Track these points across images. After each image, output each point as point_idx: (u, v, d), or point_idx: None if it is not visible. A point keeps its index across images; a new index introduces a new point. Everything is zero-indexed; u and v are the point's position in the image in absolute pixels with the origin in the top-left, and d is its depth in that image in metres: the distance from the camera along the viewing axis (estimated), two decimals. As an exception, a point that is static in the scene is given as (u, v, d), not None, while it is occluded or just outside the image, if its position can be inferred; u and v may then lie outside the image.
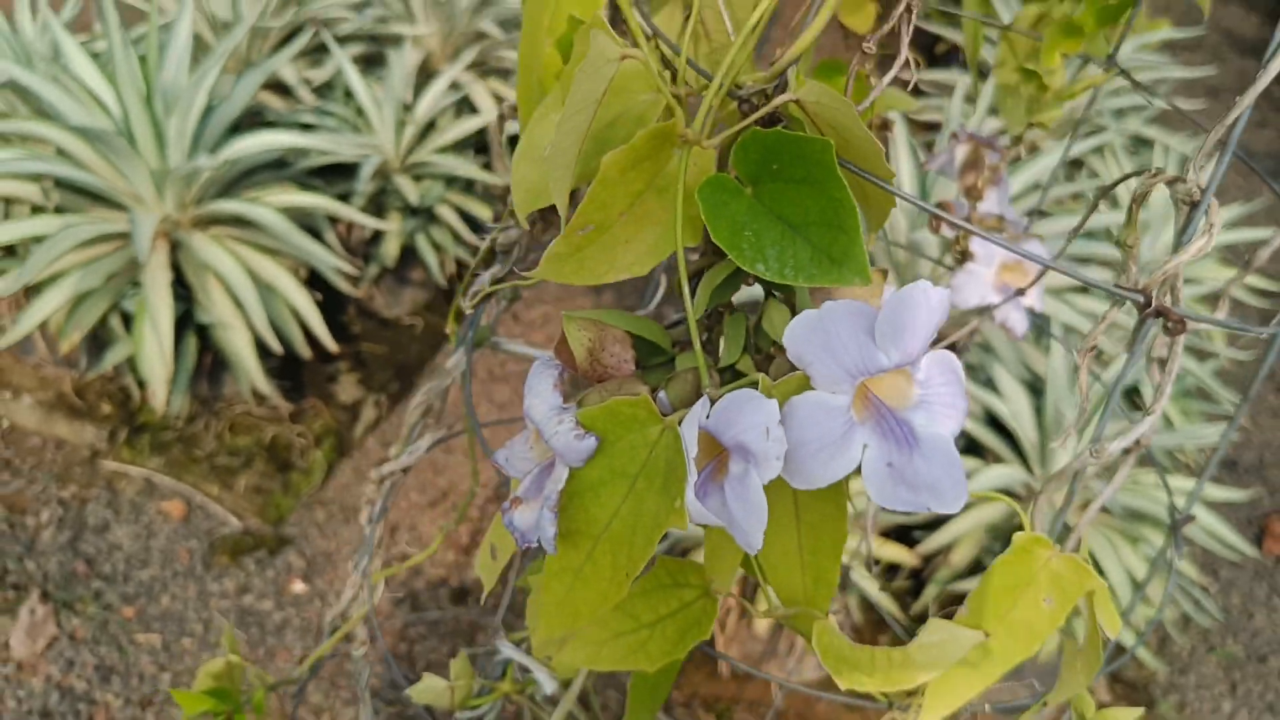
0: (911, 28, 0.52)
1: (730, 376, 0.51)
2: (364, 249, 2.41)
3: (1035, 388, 1.70)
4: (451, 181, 2.44)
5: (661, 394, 0.46)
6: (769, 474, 0.40)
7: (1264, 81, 0.46)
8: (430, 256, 2.43)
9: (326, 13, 2.44)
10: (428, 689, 0.62)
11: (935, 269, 1.10)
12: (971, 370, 1.79)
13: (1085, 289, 1.92)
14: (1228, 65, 4.68)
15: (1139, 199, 0.48)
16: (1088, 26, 0.75)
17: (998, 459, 1.68)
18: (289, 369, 2.27)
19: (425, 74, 2.54)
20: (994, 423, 1.71)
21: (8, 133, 1.97)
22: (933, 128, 2.77)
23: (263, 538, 2.06)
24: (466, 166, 2.39)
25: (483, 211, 2.45)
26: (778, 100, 0.46)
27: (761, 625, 1.66)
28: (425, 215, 2.43)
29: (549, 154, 0.44)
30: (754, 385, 0.44)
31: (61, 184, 1.95)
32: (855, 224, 0.44)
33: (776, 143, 0.45)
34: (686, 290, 0.46)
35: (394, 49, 2.44)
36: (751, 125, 0.47)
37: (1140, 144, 2.37)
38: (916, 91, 2.81)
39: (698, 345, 0.46)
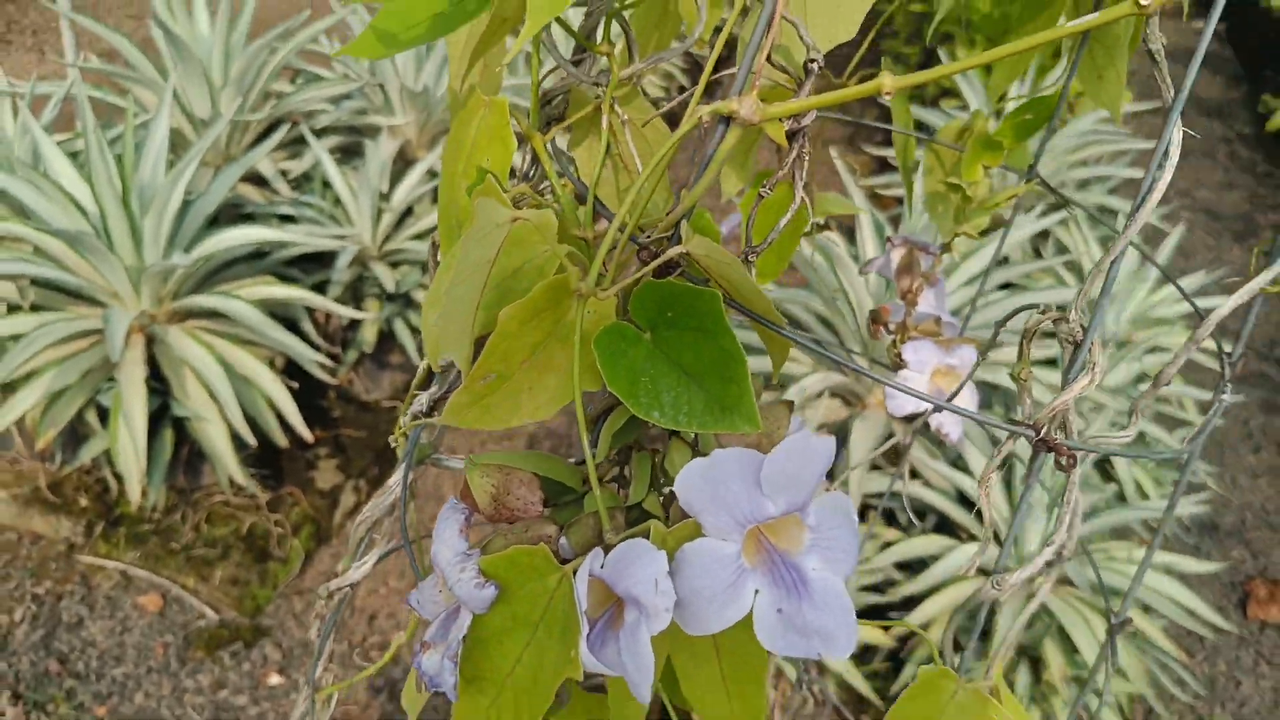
0: (805, 170, 0.54)
1: (638, 514, 0.52)
2: (342, 334, 2.43)
3: (1004, 463, 1.71)
4: (428, 267, 2.46)
5: (563, 540, 0.47)
6: (658, 626, 0.41)
7: (1121, 245, 0.48)
8: (408, 340, 2.45)
9: (305, 106, 2.49)
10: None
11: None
12: (941, 448, 1.80)
13: (1052, 363, 1.94)
14: (1194, 127, 4.76)
15: (1029, 336, 0.50)
16: (1007, 141, 0.78)
17: (971, 536, 1.68)
18: (267, 457, 2.27)
19: (403, 162, 2.58)
20: (964, 500, 1.72)
21: (-14, 232, 2.00)
22: (901, 201, 2.81)
23: (239, 629, 2.05)
24: (443, 252, 2.41)
25: (460, 295, 2.47)
26: (669, 253, 0.47)
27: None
28: (402, 300, 2.46)
29: (443, 314, 0.45)
30: (648, 533, 0.45)
31: (38, 283, 1.97)
32: (744, 374, 0.45)
33: (670, 293, 0.47)
34: (585, 439, 0.47)
35: (371, 140, 2.48)
36: (648, 274, 0.49)
37: (1105, 212, 2.41)
38: (884, 166, 2.85)
39: (597, 491, 0.47)
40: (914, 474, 1.75)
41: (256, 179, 2.44)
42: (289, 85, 2.68)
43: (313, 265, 2.35)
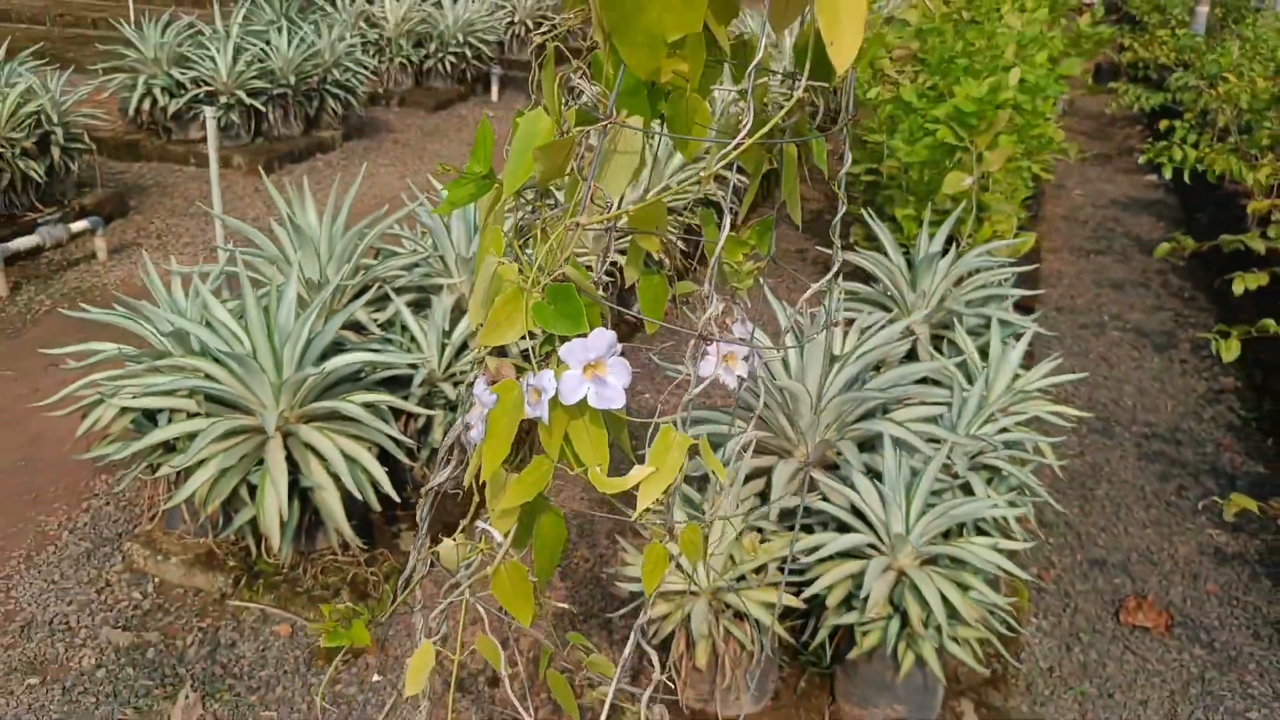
0: (612, 249, 1.34)
1: (554, 380, 1.29)
2: (417, 436, 3.24)
3: (879, 477, 2.43)
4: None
5: (521, 379, 1.25)
6: (549, 396, 1.19)
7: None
8: (467, 441, 3.24)
9: (386, 273, 3.38)
10: (446, 550, 1.38)
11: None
12: (845, 480, 2.53)
13: (933, 420, 2.67)
14: (1132, 263, 5.54)
15: (695, 307, 1.28)
16: (751, 239, 1.57)
17: (856, 531, 2.39)
18: (364, 529, 3.04)
19: (459, 310, 3.44)
20: (854, 510, 2.43)
21: (166, 366, 2.86)
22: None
23: (348, 647, 2.77)
24: (491, 373, 3.24)
25: (504, 405, 3.29)
26: (555, 274, 1.27)
27: (701, 662, 2.34)
28: (463, 409, 3.26)
29: (473, 299, 1.25)
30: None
31: (209, 396, 2.81)
32: (582, 313, 1.23)
33: (561, 289, 1.26)
34: (530, 347, 1.25)
35: (435, 295, 3.35)
36: (552, 283, 1.28)
37: (987, 320, 3.18)
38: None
39: (535, 366, 1.25)
40: (823, 496, 2.48)
41: (354, 325, 3.30)
42: (374, 259, 3.58)
43: (395, 385, 3.17)
